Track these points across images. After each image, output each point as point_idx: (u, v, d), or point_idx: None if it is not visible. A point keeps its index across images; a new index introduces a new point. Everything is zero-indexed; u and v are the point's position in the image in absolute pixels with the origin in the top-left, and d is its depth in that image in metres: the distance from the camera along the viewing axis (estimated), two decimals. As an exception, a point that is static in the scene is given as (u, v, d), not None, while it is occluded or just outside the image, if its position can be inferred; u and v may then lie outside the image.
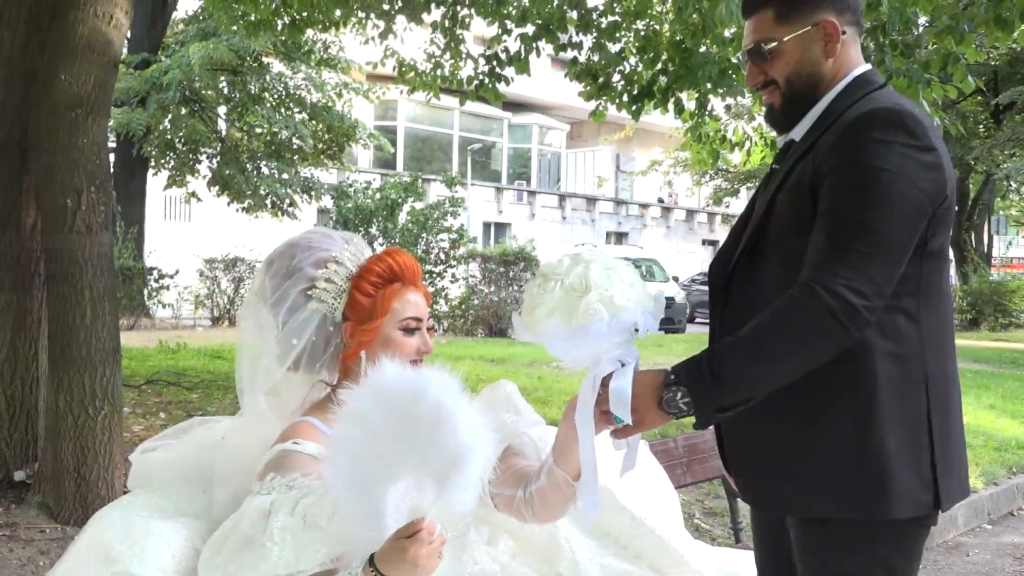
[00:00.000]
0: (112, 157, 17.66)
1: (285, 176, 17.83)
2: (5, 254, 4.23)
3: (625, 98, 8.31)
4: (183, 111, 16.60)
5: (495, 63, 8.38)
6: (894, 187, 1.75)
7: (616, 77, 8.32)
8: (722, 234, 39.93)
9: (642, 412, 1.84)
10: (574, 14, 7.99)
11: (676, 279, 25.30)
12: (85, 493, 4.04)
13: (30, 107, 4.17)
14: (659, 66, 8.07)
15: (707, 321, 2.33)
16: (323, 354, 2.24)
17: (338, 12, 9.02)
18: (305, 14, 8.86)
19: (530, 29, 7.98)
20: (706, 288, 2.17)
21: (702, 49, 7.75)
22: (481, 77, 8.53)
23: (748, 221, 2.05)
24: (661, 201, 39.87)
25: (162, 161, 17.12)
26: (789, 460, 1.87)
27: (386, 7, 9.08)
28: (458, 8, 8.86)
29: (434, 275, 16.53)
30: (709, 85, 7.96)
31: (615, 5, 8.20)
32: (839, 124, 1.86)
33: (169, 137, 16.63)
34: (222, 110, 17.95)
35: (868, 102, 1.87)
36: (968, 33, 6.45)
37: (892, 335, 1.82)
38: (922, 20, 7.89)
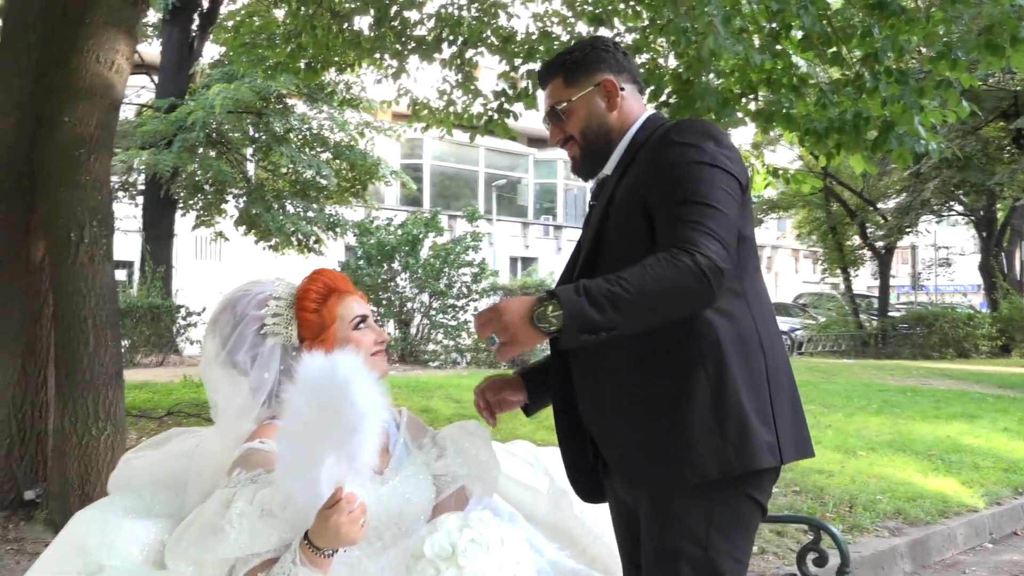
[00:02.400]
0: (141, 199, 18.11)
1: (311, 214, 18.14)
2: (16, 287, 4.49)
3: (629, 130, 8.42)
4: (211, 153, 17.00)
5: (503, 99, 8.58)
6: (714, 173, 2.06)
7: (621, 110, 8.43)
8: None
9: (514, 329, 1.95)
10: (578, 50, 8.16)
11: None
12: (89, 510, 4.25)
13: (37, 150, 4.44)
14: (662, 98, 8.22)
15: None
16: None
17: (352, 54, 9.31)
18: (321, 57, 9.16)
19: (538, 65, 8.17)
20: None
21: (703, 79, 7.88)
22: (490, 113, 8.74)
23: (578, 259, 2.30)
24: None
25: (190, 202, 17.52)
26: (662, 438, 2.05)
27: (398, 47, 9.32)
28: (467, 46, 9.10)
29: (456, 309, 16.70)
30: (712, 116, 8.09)
31: (619, 40, 8.39)
32: (648, 146, 2.17)
33: (198, 179, 17.02)
34: (249, 151, 18.33)
35: (666, 124, 2.23)
36: (961, 59, 6.55)
37: (727, 313, 2.06)
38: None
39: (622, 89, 2.29)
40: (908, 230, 25.83)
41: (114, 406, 4.26)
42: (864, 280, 35.28)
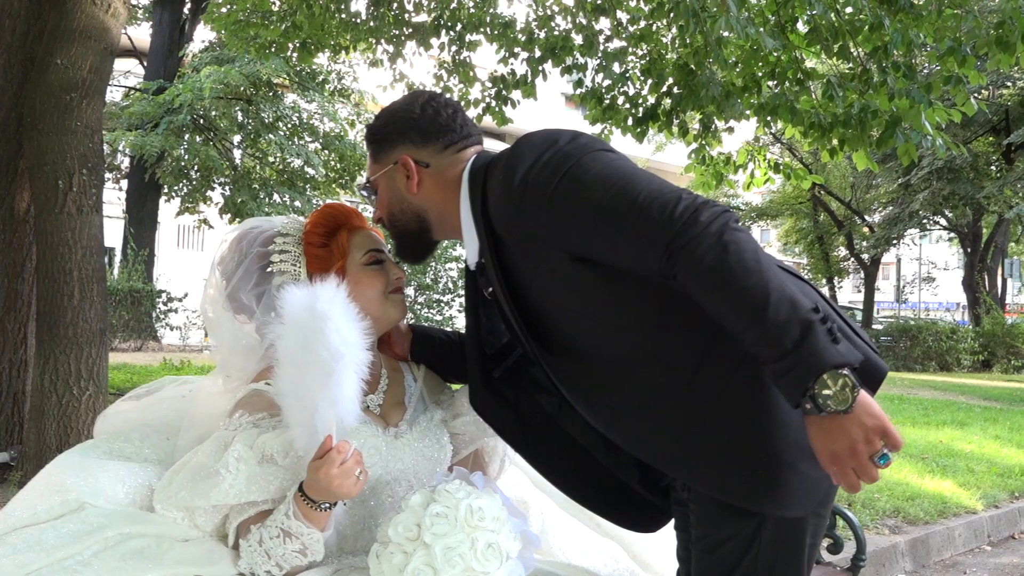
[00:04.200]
0: (126, 183, 17.84)
1: (297, 204, 17.95)
2: (-2, 237, 4.29)
3: (630, 121, 8.31)
4: (198, 139, 16.77)
5: (501, 86, 8.44)
6: (594, 162, 1.72)
7: (621, 100, 8.31)
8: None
9: (873, 429, 1.51)
10: (579, 39, 8.05)
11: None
12: (67, 472, 4.06)
13: (27, 92, 4.24)
14: (664, 88, 8.09)
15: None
16: None
17: (347, 36, 9.14)
18: (316, 38, 8.98)
19: (536, 53, 8.05)
20: None
21: (705, 72, 7.76)
22: (488, 100, 8.60)
23: (499, 345, 2.05)
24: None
25: (175, 188, 17.28)
26: (742, 471, 1.72)
27: (395, 32, 9.16)
28: (466, 31, 8.95)
29: (442, 304, 16.59)
30: (713, 107, 7.96)
31: (620, 29, 8.26)
32: (499, 196, 1.82)
33: (183, 165, 16.79)
34: (236, 139, 18.13)
35: (497, 167, 1.84)
36: (970, 56, 6.46)
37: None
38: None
39: (426, 166, 1.95)
40: (895, 242, 25.93)
41: (97, 365, 4.05)
42: (846, 294, 35.40)
